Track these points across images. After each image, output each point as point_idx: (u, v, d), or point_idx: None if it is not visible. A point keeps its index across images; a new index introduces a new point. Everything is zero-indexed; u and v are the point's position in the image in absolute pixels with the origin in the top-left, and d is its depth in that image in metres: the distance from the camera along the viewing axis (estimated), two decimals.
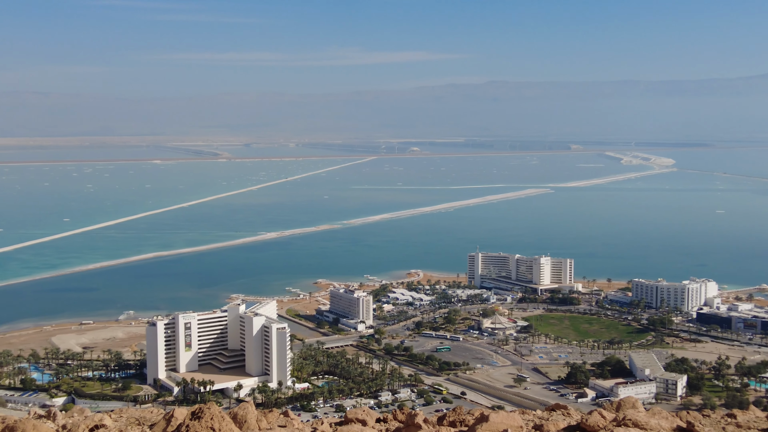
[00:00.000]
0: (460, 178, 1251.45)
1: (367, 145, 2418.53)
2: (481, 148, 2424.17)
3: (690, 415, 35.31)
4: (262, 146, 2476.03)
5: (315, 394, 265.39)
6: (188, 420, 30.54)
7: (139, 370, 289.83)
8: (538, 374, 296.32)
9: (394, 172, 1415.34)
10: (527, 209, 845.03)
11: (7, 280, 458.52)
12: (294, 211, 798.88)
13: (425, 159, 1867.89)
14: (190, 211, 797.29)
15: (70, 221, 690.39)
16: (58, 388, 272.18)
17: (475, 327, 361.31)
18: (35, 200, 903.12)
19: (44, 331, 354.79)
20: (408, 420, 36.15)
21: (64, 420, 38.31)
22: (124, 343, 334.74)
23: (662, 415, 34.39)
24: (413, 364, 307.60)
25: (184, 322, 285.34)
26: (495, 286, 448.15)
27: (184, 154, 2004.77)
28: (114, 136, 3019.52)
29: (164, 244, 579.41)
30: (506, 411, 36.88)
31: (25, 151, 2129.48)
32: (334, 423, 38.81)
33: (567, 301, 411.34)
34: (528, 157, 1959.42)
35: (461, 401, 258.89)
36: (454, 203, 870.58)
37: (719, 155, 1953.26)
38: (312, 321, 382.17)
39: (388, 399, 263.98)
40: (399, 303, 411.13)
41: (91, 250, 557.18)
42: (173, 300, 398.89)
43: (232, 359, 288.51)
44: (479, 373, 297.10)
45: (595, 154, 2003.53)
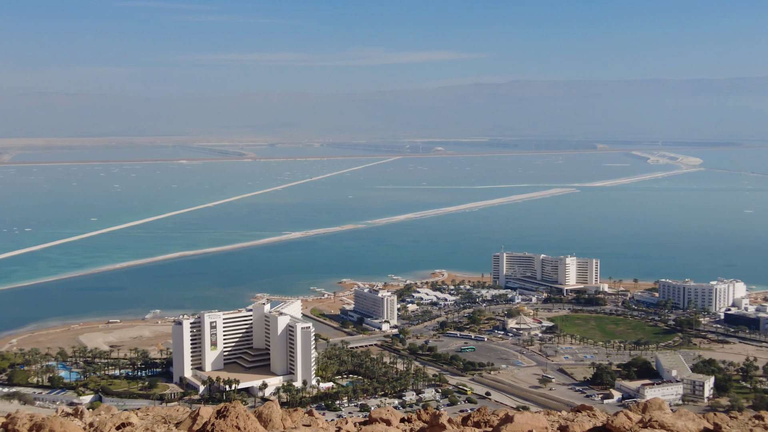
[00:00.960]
0: (484, 177, 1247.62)
1: (392, 145, 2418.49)
2: (505, 147, 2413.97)
3: (717, 416, 34.96)
4: (286, 146, 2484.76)
5: (339, 394, 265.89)
6: (214, 418, 30.75)
7: (166, 369, 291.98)
8: (564, 375, 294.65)
9: (418, 171, 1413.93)
10: (552, 209, 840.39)
11: (35, 279, 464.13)
12: (318, 210, 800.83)
13: (450, 158, 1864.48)
14: (216, 210, 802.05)
15: (98, 221, 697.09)
16: (86, 386, 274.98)
17: (500, 327, 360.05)
18: (63, 200, 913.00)
19: (72, 330, 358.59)
20: (432, 420, 36.12)
21: (91, 418, 38.71)
22: (150, 341, 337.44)
23: (689, 416, 34.10)
24: (438, 364, 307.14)
25: (209, 321, 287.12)
26: (520, 286, 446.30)
27: (209, 154, 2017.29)
28: (141, 136, 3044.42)
29: (190, 244, 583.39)
30: (531, 412, 36.73)
31: (53, 151, 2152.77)
32: (359, 422, 38.88)
33: (593, 302, 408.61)
34: (553, 156, 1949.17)
35: (486, 402, 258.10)
36: (478, 203, 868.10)
37: (748, 154, 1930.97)
38: (336, 320, 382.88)
39: (413, 399, 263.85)
40: (423, 303, 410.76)
41: (118, 249, 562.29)
42: (199, 299, 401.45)
43: (257, 358, 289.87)
44: (504, 374, 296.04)
45: (621, 154, 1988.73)
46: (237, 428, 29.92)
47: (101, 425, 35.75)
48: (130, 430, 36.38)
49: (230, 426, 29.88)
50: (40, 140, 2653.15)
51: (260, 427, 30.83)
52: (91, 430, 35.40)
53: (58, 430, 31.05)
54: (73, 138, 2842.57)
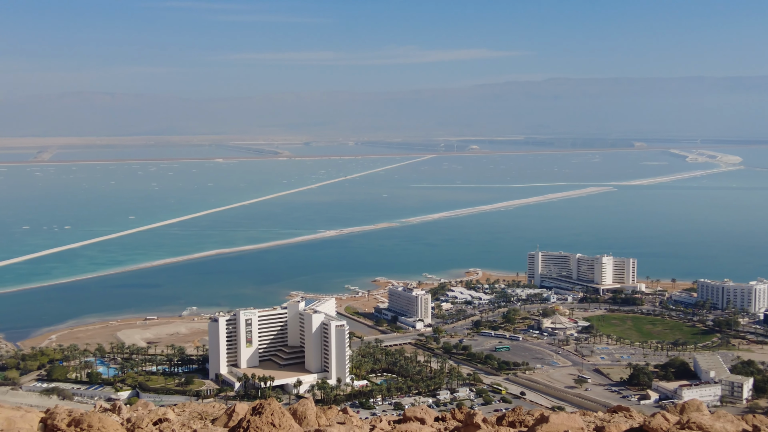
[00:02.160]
0: (519, 176, 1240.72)
1: (426, 144, 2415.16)
2: (541, 145, 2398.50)
3: (756, 418, 34.40)
4: (321, 145, 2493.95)
5: (373, 392, 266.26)
6: (249, 415, 30.97)
7: (202, 365, 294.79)
8: (600, 375, 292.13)
9: (452, 170, 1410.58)
10: (589, 208, 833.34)
11: (74, 275, 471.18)
12: (353, 209, 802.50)
13: (484, 157, 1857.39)
14: (251, 209, 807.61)
15: (136, 219, 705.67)
16: (123, 382, 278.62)
17: (535, 327, 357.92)
18: (102, 198, 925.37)
19: (110, 326, 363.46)
20: (467, 419, 36.01)
21: (128, 413, 39.17)
22: (186, 338, 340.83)
23: (727, 418, 33.62)
24: (472, 363, 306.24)
25: (245, 318, 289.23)
26: (555, 285, 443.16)
27: (245, 153, 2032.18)
28: (178, 135, 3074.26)
29: (226, 242, 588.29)
30: (567, 412, 36.47)
31: (92, 150, 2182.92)
32: (393, 421, 38.88)
33: (630, 302, 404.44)
34: (590, 154, 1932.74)
35: (520, 401, 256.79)
36: (513, 202, 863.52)
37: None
38: (370, 319, 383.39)
39: (447, 398, 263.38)
40: (457, 302, 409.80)
41: (156, 247, 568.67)
42: (234, 297, 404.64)
43: (291, 356, 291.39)
44: (539, 374, 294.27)
45: (659, 152, 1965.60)
46: (272, 425, 30.09)
47: (139, 421, 36.17)
48: (167, 425, 36.76)
49: (265, 423, 30.06)
50: (79, 139, 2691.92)
51: (295, 425, 30.98)
52: (129, 425, 35.84)
53: (96, 425, 31.48)
54: (112, 137, 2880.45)
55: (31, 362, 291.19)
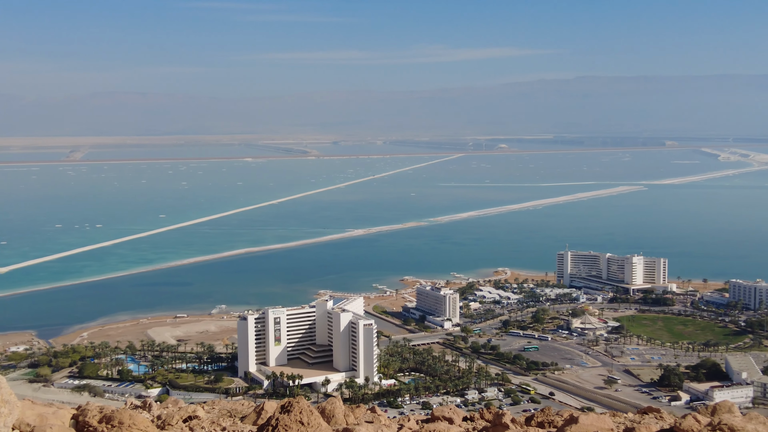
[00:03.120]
0: (549, 175, 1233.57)
1: (454, 143, 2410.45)
2: (570, 144, 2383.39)
3: None
4: (349, 144, 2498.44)
5: (401, 391, 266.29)
6: (278, 413, 31.08)
7: (231, 363, 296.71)
8: (630, 376, 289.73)
9: (481, 169, 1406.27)
10: (619, 207, 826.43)
11: (106, 274, 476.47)
12: (381, 208, 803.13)
13: (513, 156, 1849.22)
14: (280, 208, 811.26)
15: (166, 217, 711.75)
16: (154, 379, 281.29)
17: (564, 327, 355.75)
18: (133, 197, 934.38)
19: (140, 324, 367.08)
20: (495, 419, 35.87)
21: (159, 411, 39.51)
22: (216, 336, 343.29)
23: (759, 420, 33.14)
24: (500, 363, 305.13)
25: (273, 316, 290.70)
26: (585, 285, 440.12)
27: (274, 152, 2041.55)
28: (207, 134, 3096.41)
29: (255, 241, 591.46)
30: (596, 413, 36.19)
31: (123, 149, 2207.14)
32: (421, 420, 38.84)
33: (660, 302, 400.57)
34: (620, 153, 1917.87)
35: (549, 402, 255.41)
36: (542, 201, 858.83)
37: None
38: (398, 318, 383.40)
39: (475, 398, 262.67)
40: (486, 301, 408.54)
41: (186, 245, 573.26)
42: (263, 295, 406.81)
43: (319, 354, 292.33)
44: (568, 374, 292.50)
45: (690, 151, 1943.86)
46: (300, 423, 30.18)
47: (169, 418, 36.47)
48: (196, 423, 37.04)
49: (294, 421, 30.16)
50: (111, 138, 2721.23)
51: (323, 423, 31.05)
52: (159, 422, 36.15)
53: (127, 422, 31.77)
54: (143, 136, 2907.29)
55: (63, 359, 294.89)
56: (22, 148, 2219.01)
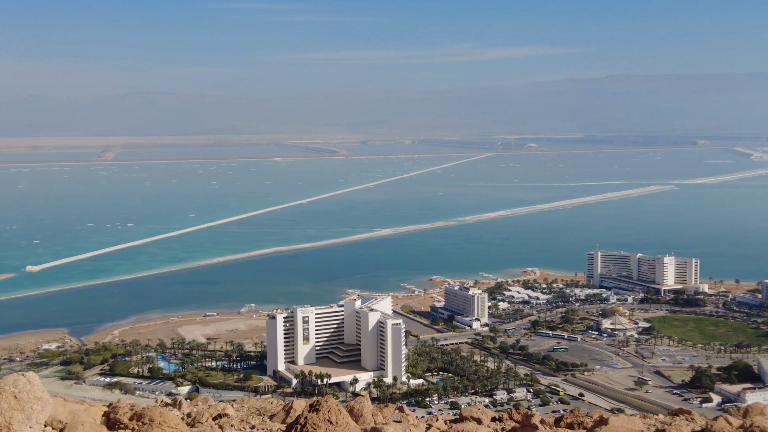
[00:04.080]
0: (578, 174, 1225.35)
1: (483, 142, 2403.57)
2: (600, 143, 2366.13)
3: None
4: (378, 143, 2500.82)
5: (429, 391, 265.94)
6: (306, 412, 31.16)
7: (260, 362, 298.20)
8: (661, 377, 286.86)
9: (510, 168, 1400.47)
10: (650, 207, 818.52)
11: (137, 272, 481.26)
12: (409, 207, 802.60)
13: (542, 155, 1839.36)
14: (308, 207, 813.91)
15: (196, 217, 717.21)
16: (184, 377, 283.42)
17: (594, 327, 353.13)
18: (163, 196, 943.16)
19: (171, 322, 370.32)
20: (524, 420, 35.68)
21: (189, 408, 39.83)
22: (245, 334, 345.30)
23: None
24: (529, 363, 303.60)
25: (302, 315, 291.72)
26: (615, 285, 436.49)
27: (302, 152, 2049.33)
28: (237, 134, 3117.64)
29: (283, 240, 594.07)
30: (626, 414, 35.86)
31: (154, 149, 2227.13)
32: (449, 420, 38.76)
33: (692, 303, 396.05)
34: (651, 152, 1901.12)
35: (579, 403, 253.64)
36: (572, 200, 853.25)
37: None
38: (426, 317, 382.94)
39: (504, 398, 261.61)
40: (515, 301, 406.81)
41: (215, 244, 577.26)
42: (292, 294, 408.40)
43: (348, 353, 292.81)
44: (598, 375, 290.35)
45: (723, 150, 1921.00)
46: (329, 422, 30.24)
47: (199, 416, 36.75)
48: (226, 421, 37.28)
49: (322, 420, 30.23)
50: (141, 138, 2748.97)
51: (351, 422, 31.08)
52: (189, 420, 36.42)
53: (157, 419, 32.05)
54: (173, 136, 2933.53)
55: (95, 357, 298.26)
56: (55, 148, 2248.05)
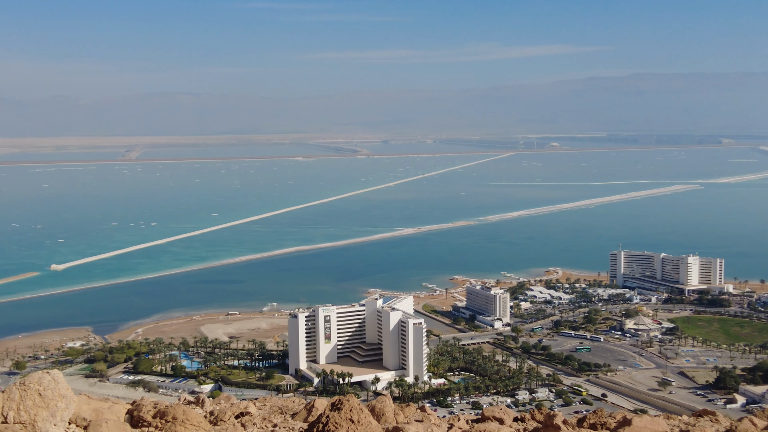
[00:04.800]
0: (601, 173, 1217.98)
1: (505, 141, 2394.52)
2: (624, 142, 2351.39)
3: None
4: (399, 143, 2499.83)
5: (451, 390, 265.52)
6: (328, 411, 31.23)
7: (282, 360, 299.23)
8: (685, 378, 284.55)
9: (532, 168, 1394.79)
10: (674, 206, 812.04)
11: (160, 271, 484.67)
12: (431, 207, 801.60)
13: (565, 154, 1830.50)
14: (330, 206, 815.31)
15: (218, 216, 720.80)
16: (206, 375, 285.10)
17: (617, 327, 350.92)
18: (186, 196, 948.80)
19: (194, 321, 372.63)
20: (546, 420, 35.53)
21: (211, 406, 40.05)
22: (267, 333, 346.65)
23: None
24: (551, 363, 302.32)
25: (323, 314, 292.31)
26: (638, 285, 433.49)
27: (324, 151, 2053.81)
28: (259, 134, 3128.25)
29: (305, 239, 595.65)
30: (650, 415, 35.60)
31: (177, 149, 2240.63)
32: (471, 420, 38.67)
33: (716, 303, 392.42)
34: (675, 151, 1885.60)
35: (602, 403, 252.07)
36: (595, 200, 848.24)
37: None
38: (448, 317, 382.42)
39: (526, 398, 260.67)
40: (537, 301, 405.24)
41: (238, 243, 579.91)
42: (313, 293, 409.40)
43: (369, 353, 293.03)
44: (621, 375, 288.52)
45: (748, 149, 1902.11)
46: (351, 421, 30.27)
47: (221, 414, 36.94)
48: (248, 419, 37.44)
49: (344, 419, 30.27)
50: (165, 138, 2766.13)
51: (373, 421, 31.09)
52: (212, 418, 36.63)
53: (180, 417, 32.26)
54: (196, 136, 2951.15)
55: (119, 355, 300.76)
56: (80, 147, 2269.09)
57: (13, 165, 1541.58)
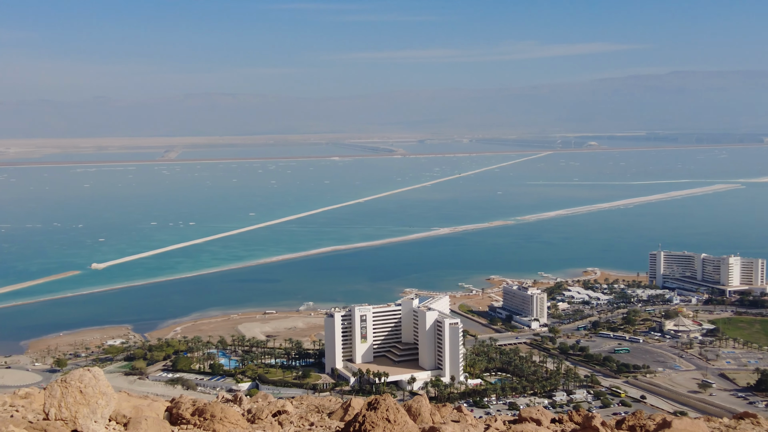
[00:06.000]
0: (641, 173, 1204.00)
1: (542, 140, 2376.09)
2: (664, 141, 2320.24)
3: None
4: (436, 142, 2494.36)
5: (488, 391, 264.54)
6: (365, 410, 31.27)
7: (318, 359, 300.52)
8: (725, 380, 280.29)
9: (570, 167, 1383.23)
10: (715, 206, 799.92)
11: (198, 270, 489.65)
12: (467, 206, 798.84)
13: (603, 153, 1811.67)
14: (366, 206, 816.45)
15: (256, 215, 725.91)
16: (244, 373, 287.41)
17: (657, 329, 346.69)
18: (224, 195, 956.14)
19: (231, 319, 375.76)
20: (585, 422, 35.23)
21: (249, 405, 40.34)
22: (303, 332, 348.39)
23: None
24: (589, 364, 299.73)
25: (360, 314, 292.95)
26: (678, 286, 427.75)
27: (360, 151, 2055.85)
28: (296, 134, 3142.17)
29: (341, 239, 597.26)
30: (690, 418, 35.12)
31: (215, 149, 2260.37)
32: (508, 421, 38.47)
33: (758, 304, 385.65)
34: (716, 150, 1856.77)
35: (641, 405, 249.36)
36: (634, 199, 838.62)
37: None
38: (484, 317, 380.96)
39: (563, 399, 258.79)
40: (574, 301, 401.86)
41: (274, 243, 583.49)
42: (349, 292, 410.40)
43: (405, 352, 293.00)
44: (660, 377, 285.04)
45: None
46: (387, 420, 30.29)
47: (259, 412, 37.19)
48: (285, 418, 37.65)
49: (381, 418, 30.30)
50: (203, 138, 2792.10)
51: (410, 421, 31.07)
52: (249, 416, 36.89)
53: (218, 415, 32.55)
54: (234, 136, 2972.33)
55: (158, 353, 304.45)
56: (120, 148, 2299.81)
57: (55, 165, 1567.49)
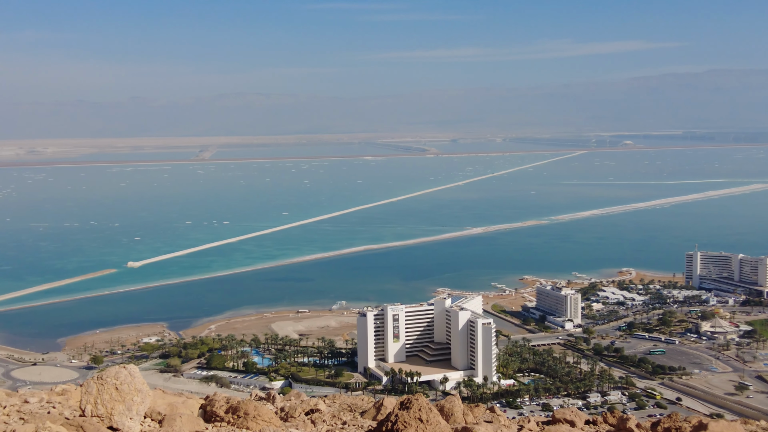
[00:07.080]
0: (677, 172, 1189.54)
1: (577, 139, 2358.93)
2: (701, 140, 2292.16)
3: None
4: (468, 142, 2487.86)
5: (521, 392, 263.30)
6: (397, 410, 31.25)
7: (350, 359, 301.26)
8: (763, 382, 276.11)
9: (604, 166, 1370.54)
10: (752, 206, 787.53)
11: (232, 269, 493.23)
12: (500, 206, 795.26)
13: (639, 152, 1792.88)
14: (399, 205, 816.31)
15: (289, 215, 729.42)
16: (277, 372, 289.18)
17: (693, 330, 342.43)
18: (258, 195, 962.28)
19: (264, 318, 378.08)
20: (619, 424, 34.90)
21: (282, 403, 40.52)
22: (336, 331, 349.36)
23: None
24: (624, 366, 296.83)
25: (392, 313, 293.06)
26: (715, 287, 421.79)
27: (393, 151, 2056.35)
28: (329, 133, 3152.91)
29: (374, 238, 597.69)
30: (727, 420, 34.61)
31: (249, 148, 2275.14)
32: (541, 422, 38.22)
33: None
34: (754, 149, 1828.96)
35: (676, 407, 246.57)
36: (670, 199, 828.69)
37: None
38: (517, 317, 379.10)
39: (597, 401, 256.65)
40: (609, 302, 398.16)
41: (307, 242, 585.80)
42: (382, 292, 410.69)
43: (437, 352, 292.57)
44: (696, 379, 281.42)
45: None
46: (419, 420, 30.24)
47: (292, 410, 37.35)
48: (318, 416, 37.77)
49: (413, 418, 30.26)
50: (237, 138, 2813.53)
51: (442, 421, 30.98)
52: (282, 414, 37.06)
53: (252, 413, 32.74)
54: (267, 136, 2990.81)
55: (192, 351, 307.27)
56: (155, 148, 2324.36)
57: (91, 165, 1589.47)
